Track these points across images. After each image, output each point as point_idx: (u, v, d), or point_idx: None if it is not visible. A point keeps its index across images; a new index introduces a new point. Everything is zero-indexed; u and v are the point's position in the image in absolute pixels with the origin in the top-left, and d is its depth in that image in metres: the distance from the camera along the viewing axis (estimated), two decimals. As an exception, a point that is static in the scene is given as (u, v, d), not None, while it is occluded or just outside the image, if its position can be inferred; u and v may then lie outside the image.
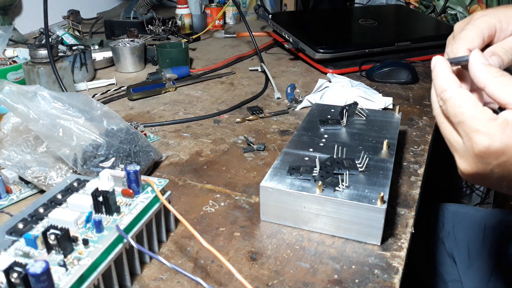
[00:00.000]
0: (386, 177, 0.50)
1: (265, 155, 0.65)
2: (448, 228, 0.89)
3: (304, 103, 0.81)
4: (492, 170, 0.36)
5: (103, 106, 0.57)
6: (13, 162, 0.53)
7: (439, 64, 0.39)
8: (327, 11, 1.53)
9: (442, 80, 0.38)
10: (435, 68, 0.39)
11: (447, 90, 0.37)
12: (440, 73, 0.38)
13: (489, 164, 0.35)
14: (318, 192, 0.46)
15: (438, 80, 0.38)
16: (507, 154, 0.34)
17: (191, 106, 0.83)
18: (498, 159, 0.35)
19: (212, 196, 0.56)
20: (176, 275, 0.43)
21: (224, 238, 0.48)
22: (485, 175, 0.37)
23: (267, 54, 1.16)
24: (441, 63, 0.39)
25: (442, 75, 0.38)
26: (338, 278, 0.42)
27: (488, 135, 0.34)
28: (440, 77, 0.38)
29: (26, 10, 1.35)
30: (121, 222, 0.40)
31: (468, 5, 1.38)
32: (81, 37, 1.20)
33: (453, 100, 0.37)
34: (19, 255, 0.37)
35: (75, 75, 0.93)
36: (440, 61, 0.39)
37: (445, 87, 0.37)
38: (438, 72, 0.39)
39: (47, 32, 0.78)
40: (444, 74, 0.38)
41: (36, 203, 0.43)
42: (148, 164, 0.59)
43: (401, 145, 0.67)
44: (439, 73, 0.38)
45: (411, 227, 0.49)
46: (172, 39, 1.24)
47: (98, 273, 0.36)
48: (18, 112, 0.50)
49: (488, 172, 0.36)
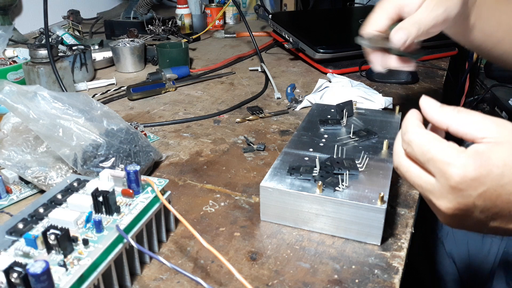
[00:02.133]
0: (386, 177, 0.50)
1: (265, 155, 0.65)
2: (447, 228, 0.89)
3: (304, 103, 0.81)
4: (474, 203, 0.34)
5: (103, 106, 0.57)
6: (13, 162, 0.53)
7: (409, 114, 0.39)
8: (327, 11, 1.53)
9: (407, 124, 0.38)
10: (405, 118, 0.39)
11: (410, 132, 0.37)
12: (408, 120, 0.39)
13: (469, 197, 0.34)
14: (318, 192, 0.46)
15: (403, 125, 0.39)
16: (485, 184, 0.33)
17: (191, 106, 0.84)
18: (477, 189, 0.34)
19: (212, 196, 0.56)
20: (176, 275, 0.43)
21: (224, 238, 0.48)
22: (468, 211, 0.35)
23: (267, 54, 1.16)
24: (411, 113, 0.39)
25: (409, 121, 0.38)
26: (338, 278, 0.42)
27: (461, 166, 0.33)
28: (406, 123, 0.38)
29: (26, 10, 1.35)
30: (121, 222, 0.40)
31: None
32: (81, 37, 1.20)
33: (418, 139, 0.36)
34: (19, 255, 0.37)
35: (75, 75, 0.93)
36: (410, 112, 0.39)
37: (408, 129, 0.38)
38: (406, 119, 0.39)
39: (47, 32, 0.78)
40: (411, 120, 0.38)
41: (36, 203, 0.43)
42: (148, 164, 0.59)
43: (401, 145, 0.67)
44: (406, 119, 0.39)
45: (411, 227, 0.49)
46: (172, 39, 1.24)
47: (98, 273, 0.36)
48: (18, 112, 0.50)
49: (471, 206, 0.35)
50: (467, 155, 0.34)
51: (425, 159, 0.36)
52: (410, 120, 0.38)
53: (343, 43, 1.03)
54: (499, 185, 0.33)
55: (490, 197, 0.34)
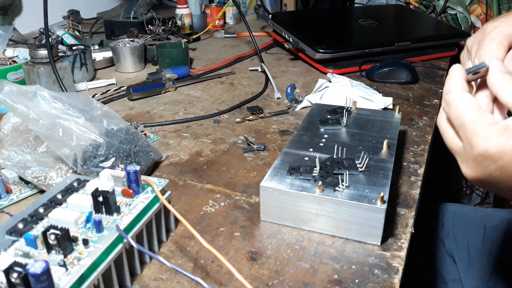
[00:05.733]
0: (386, 177, 0.50)
1: (265, 155, 0.65)
2: (448, 228, 0.89)
3: (304, 103, 0.81)
4: (491, 174, 0.36)
5: (103, 106, 0.57)
6: (13, 162, 0.53)
7: (454, 70, 0.39)
8: (327, 11, 1.53)
9: (450, 84, 0.38)
10: (449, 74, 0.39)
11: (452, 93, 0.38)
12: (451, 78, 0.39)
13: (487, 168, 0.36)
14: (318, 192, 0.46)
15: (447, 83, 0.39)
16: (504, 158, 0.35)
17: (191, 106, 0.84)
18: (495, 163, 0.35)
19: (212, 196, 0.56)
20: (176, 275, 0.43)
21: (224, 238, 0.48)
22: (486, 179, 0.37)
23: (267, 54, 1.16)
24: (456, 70, 0.39)
25: (452, 80, 0.39)
26: (338, 278, 0.42)
27: (485, 139, 0.35)
28: (449, 81, 0.39)
29: (26, 10, 1.35)
30: (121, 222, 0.40)
31: (468, 5, 1.38)
32: (81, 37, 1.19)
33: (456, 103, 0.37)
34: (19, 255, 0.37)
35: (75, 75, 0.93)
36: (455, 68, 0.39)
37: (451, 90, 0.38)
38: (450, 76, 0.39)
39: (47, 32, 0.78)
40: (454, 79, 0.38)
41: (36, 203, 0.43)
42: (148, 164, 0.59)
43: (401, 145, 0.67)
44: (450, 77, 0.39)
45: (411, 227, 0.49)
46: (172, 39, 1.24)
47: (98, 273, 0.36)
48: (18, 112, 0.50)
49: (488, 175, 0.37)
50: (495, 129, 0.35)
51: (458, 124, 0.37)
52: (454, 79, 0.39)
53: (343, 43, 1.03)
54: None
55: (508, 171, 0.35)
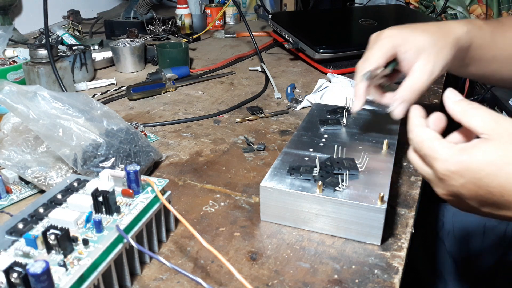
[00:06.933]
0: (386, 177, 0.50)
1: (265, 155, 0.65)
2: (448, 228, 0.89)
3: (304, 103, 0.81)
4: (460, 191, 0.39)
5: (103, 106, 0.57)
6: (13, 162, 0.53)
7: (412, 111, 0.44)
8: (327, 11, 1.53)
9: (410, 124, 0.43)
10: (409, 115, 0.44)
11: (412, 131, 0.42)
12: (411, 118, 0.43)
13: (453, 186, 0.39)
14: (318, 192, 0.46)
15: (408, 123, 0.43)
16: (464, 176, 0.38)
17: (191, 106, 0.84)
18: (458, 181, 0.38)
19: (212, 196, 0.56)
20: (176, 275, 0.43)
21: (224, 238, 0.48)
22: (458, 197, 0.40)
23: (267, 54, 1.16)
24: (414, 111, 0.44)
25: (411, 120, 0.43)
26: (338, 278, 0.42)
27: (443, 161, 0.39)
28: (409, 121, 0.43)
29: (26, 10, 1.35)
30: (121, 222, 0.40)
31: (468, 5, 1.39)
32: (81, 37, 1.19)
33: (415, 138, 0.42)
34: (19, 255, 0.37)
35: (75, 75, 0.93)
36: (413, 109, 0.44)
37: (410, 128, 0.43)
38: (409, 117, 0.44)
39: (47, 32, 0.78)
40: (413, 119, 0.43)
41: (36, 203, 0.43)
42: (148, 164, 0.59)
43: (401, 145, 0.67)
44: (410, 118, 0.44)
45: (411, 227, 0.49)
46: (172, 39, 1.23)
47: (98, 273, 0.36)
48: (18, 112, 0.50)
49: (458, 194, 0.39)
50: (451, 151, 0.38)
51: (421, 154, 0.42)
52: (411, 118, 0.43)
53: (343, 43, 1.03)
54: (476, 178, 0.37)
55: (471, 188, 0.38)
